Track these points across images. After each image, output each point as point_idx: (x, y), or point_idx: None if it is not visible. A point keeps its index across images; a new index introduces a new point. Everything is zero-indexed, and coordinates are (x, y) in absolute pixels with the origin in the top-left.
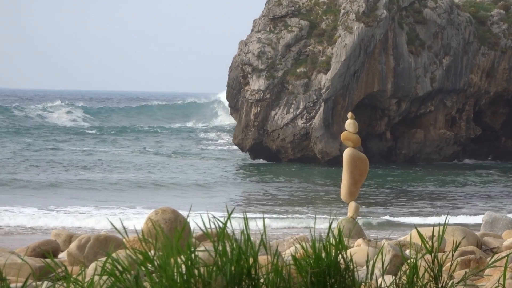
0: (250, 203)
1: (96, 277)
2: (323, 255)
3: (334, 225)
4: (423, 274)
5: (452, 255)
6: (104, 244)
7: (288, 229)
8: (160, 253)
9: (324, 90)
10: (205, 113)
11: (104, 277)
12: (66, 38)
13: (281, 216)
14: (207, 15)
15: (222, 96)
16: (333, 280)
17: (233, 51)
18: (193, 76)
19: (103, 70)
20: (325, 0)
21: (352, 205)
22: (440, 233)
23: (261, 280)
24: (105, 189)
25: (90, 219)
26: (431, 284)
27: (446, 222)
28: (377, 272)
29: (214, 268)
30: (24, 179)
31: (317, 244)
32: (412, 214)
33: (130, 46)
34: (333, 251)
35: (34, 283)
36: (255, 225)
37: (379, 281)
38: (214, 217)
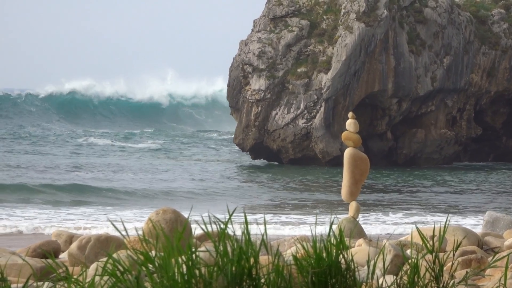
0: (250, 203)
1: (97, 278)
2: (324, 255)
3: (334, 225)
4: (424, 274)
5: (453, 254)
6: (105, 244)
7: (289, 230)
8: (161, 253)
9: (324, 89)
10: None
11: (105, 278)
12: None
13: (283, 215)
14: (207, 15)
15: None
16: (334, 280)
17: (233, 51)
18: (193, 75)
19: (100, 68)
20: None
21: (353, 204)
22: (441, 233)
23: (262, 280)
24: (109, 192)
25: (94, 221)
26: (432, 284)
27: (447, 222)
28: (378, 272)
29: (215, 268)
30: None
31: (318, 244)
32: (411, 214)
33: (124, 45)
34: (334, 251)
35: (35, 284)
36: (256, 226)
37: (380, 281)
38: (215, 217)
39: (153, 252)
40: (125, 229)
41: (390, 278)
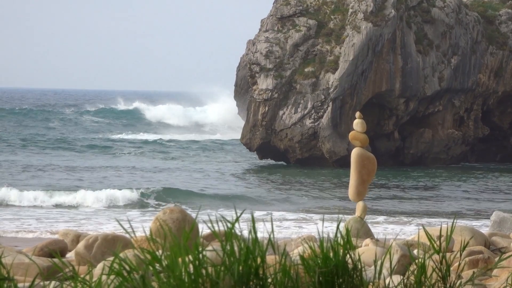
0: (258, 203)
1: (104, 277)
2: (331, 254)
3: (342, 225)
4: (431, 274)
5: (460, 255)
6: (112, 243)
7: (296, 229)
8: (168, 252)
9: (332, 89)
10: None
11: (112, 277)
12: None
13: (290, 215)
14: (215, 15)
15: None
16: (341, 280)
17: (240, 51)
18: (201, 76)
19: (108, 68)
20: None
21: (360, 204)
22: (448, 233)
23: (269, 280)
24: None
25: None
26: (439, 284)
27: (454, 222)
28: (385, 272)
29: (222, 268)
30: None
31: (325, 244)
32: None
33: (134, 45)
34: (341, 250)
35: (41, 283)
36: (263, 225)
37: (387, 281)
38: (222, 217)
39: (160, 252)
40: (132, 229)
41: (397, 278)
